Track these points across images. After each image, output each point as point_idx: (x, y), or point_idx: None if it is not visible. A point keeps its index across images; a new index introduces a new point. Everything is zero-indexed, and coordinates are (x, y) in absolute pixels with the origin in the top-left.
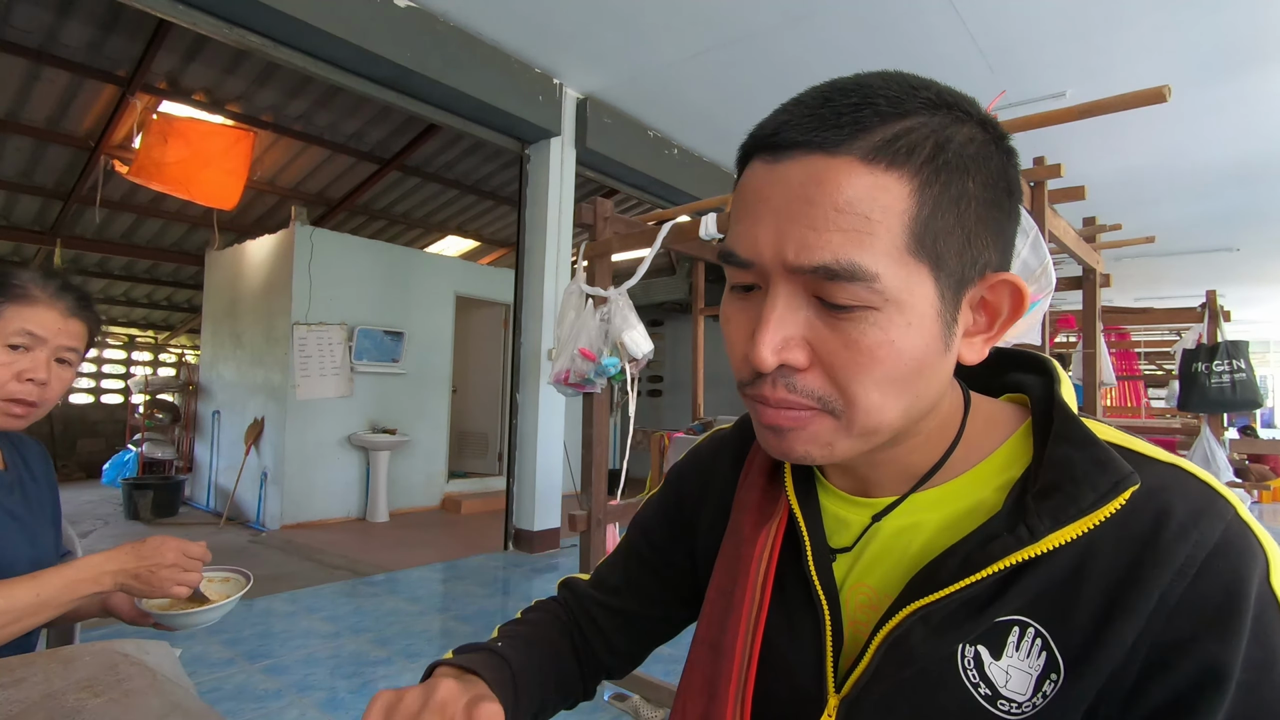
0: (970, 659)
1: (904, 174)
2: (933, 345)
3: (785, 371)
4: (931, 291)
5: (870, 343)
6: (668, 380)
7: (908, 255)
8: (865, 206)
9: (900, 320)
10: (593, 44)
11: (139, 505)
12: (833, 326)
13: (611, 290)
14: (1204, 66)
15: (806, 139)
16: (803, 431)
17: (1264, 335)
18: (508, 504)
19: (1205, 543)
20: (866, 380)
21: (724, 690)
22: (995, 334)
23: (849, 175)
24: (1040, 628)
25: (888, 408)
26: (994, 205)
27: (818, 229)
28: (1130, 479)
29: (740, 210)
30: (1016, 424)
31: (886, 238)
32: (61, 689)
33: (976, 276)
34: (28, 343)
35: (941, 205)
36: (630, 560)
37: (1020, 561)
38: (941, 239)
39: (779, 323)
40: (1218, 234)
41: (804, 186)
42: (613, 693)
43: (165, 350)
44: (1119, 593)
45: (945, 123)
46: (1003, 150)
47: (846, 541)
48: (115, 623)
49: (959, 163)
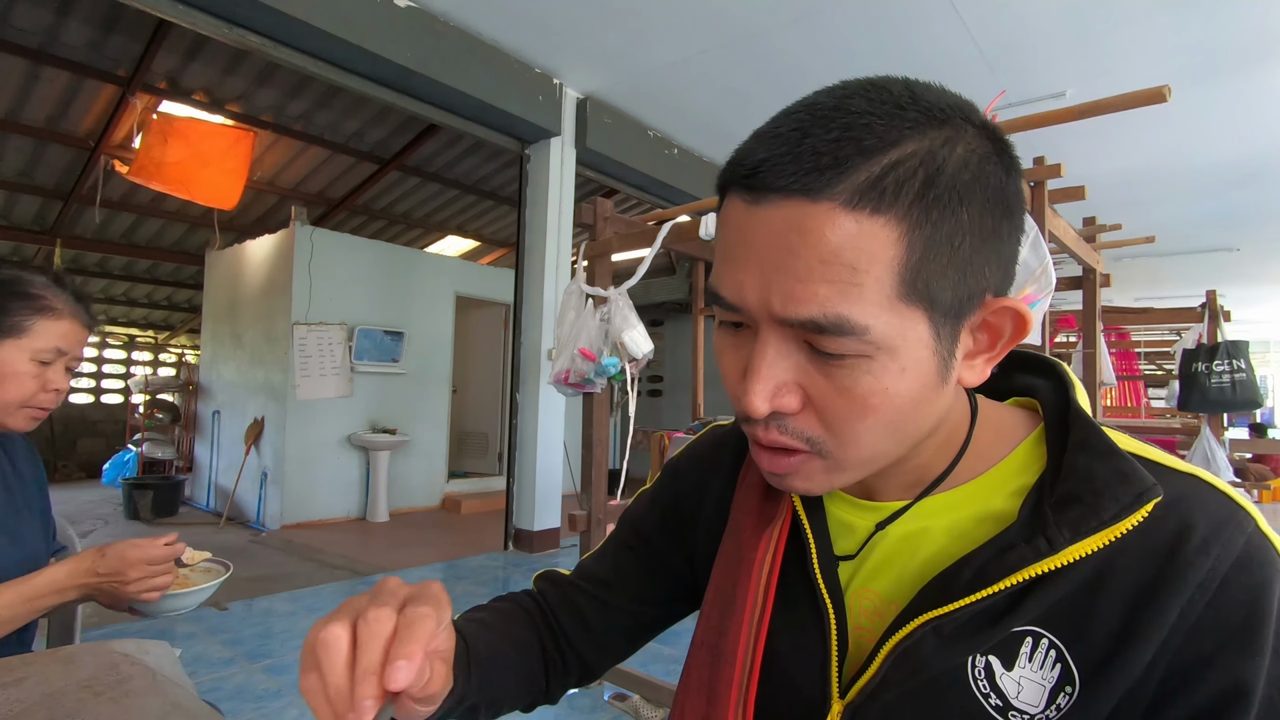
0: (981, 669)
1: (891, 218)
2: (929, 383)
3: (777, 415)
4: (926, 333)
5: (863, 390)
6: (668, 380)
7: (899, 302)
8: (851, 256)
9: (894, 367)
10: (593, 44)
11: (139, 505)
12: (825, 373)
13: (611, 290)
14: (1204, 66)
15: (786, 184)
16: (797, 473)
17: (1264, 335)
18: (508, 504)
19: (1226, 557)
20: (859, 427)
21: (725, 694)
22: (998, 354)
23: (832, 224)
24: (1055, 639)
25: (881, 446)
26: (991, 233)
27: (803, 280)
28: (1153, 491)
29: (724, 250)
30: (1027, 430)
31: (875, 287)
32: (61, 689)
33: (976, 305)
34: (54, 357)
35: (934, 246)
36: (621, 555)
37: (1038, 575)
38: (934, 280)
39: (770, 370)
40: (1218, 234)
41: (785, 235)
42: (613, 693)
43: (165, 350)
44: (1139, 607)
45: (937, 144)
46: (1003, 164)
47: (851, 547)
48: (115, 623)
49: (951, 195)
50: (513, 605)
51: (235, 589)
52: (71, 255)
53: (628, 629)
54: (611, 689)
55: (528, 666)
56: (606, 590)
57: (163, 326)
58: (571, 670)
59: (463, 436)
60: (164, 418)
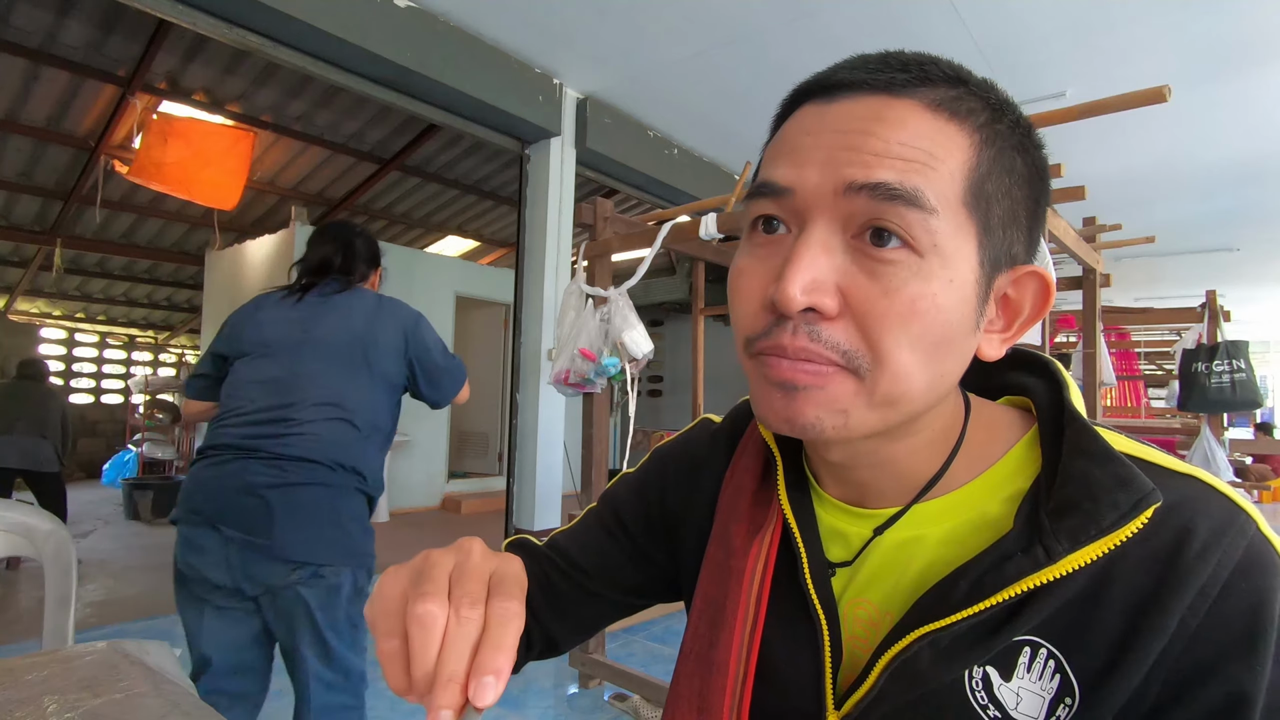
0: (979, 680)
1: (965, 127)
2: (968, 315)
3: (811, 318)
4: (974, 255)
5: (911, 293)
6: (668, 380)
7: (962, 206)
8: (929, 144)
9: (943, 274)
10: (593, 44)
11: (139, 505)
12: (871, 272)
13: (611, 290)
14: (1204, 66)
15: (870, 79)
16: (820, 392)
17: (1264, 335)
18: (508, 504)
19: (1228, 562)
20: (901, 336)
21: (717, 704)
22: (1014, 334)
23: (914, 115)
24: (1053, 649)
25: (916, 374)
26: (1033, 194)
27: (879, 154)
28: (1152, 496)
29: (780, 149)
30: (1020, 430)
31: (948, 179)
32: (61, 689)
33: (1006, 264)
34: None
35: (996, 168)
36: (601, 538)
37: (1037, 586)
38: (993, 202)
39: (812, 260)
40: (1218, 234)
41: (864, 121)
42: (613, 693)
43: (165, 350)
44: (1139, 615)
45: (996, 102)
46: (1035, 144)
47: (845, 555)
48: (115, 622)
49: (1012, 138)
50: None
51: None
52: (71, 255)
53: (602, 611)
54: (611, 689)
55: None
56: (583, 574)
57: (163, 326)
58: (535, 644)
59: (463, 436)
60: (164, 418)
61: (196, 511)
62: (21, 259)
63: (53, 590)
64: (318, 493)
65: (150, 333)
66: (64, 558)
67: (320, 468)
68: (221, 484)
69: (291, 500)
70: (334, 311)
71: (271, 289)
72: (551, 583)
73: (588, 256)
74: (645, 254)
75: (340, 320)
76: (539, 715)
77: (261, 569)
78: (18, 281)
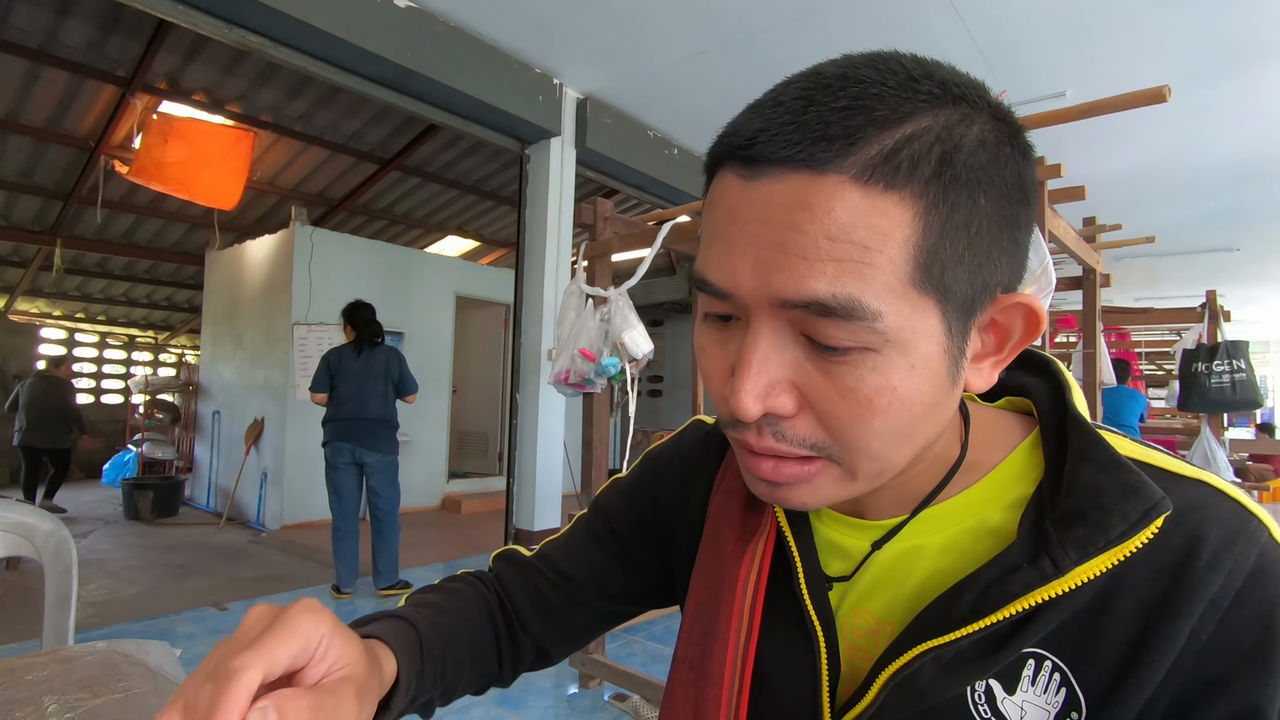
0: (982, 694)
1: (905, 195)
2: (940, 385)
3: (771, 419)
4: (938, 327)
5: (869, 390)
6: (668, 380)
7: (912, 289)
8: (862, 234)
9: (903, 363)
10: (593, 44)
11: (139, 505)
12: (824, 370)
13: (611, 290)
14: (1204, 66)
15: (788, 155)
16: (805, 485)
17: (1264, 335)
18: (508, 504)
19: (1239, 572)
20: (864, 430)
21: (713, 714)
22: (1006, 356)
23: (840, 198)
24: (1059, 661)
25: (892, 454)
26: (1008, 221)
27: (808, 258)
28: (1162, 505)
29: (713, 232)
30: (1020, 434)
31: (888, 269)
32: (61, 689)
33: (988, 300)
34: None
35: (950, 230)
36: (591, 548)
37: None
38: (950, 269)
39: (761, 365)
40: (1218, 234)
41: (788, 211)
42: (613, 693)
43: (165, 350)
44: (1148, 628)
45: (953, 122)
46: (1018, 150)
47: (844, 568)
48: (115, 622)
49: (969, 176)
50: (467, 586)
51: (235, 588)
52: (71, 255)
53: (593, 621)
54: (611, 689)
55: (482, 653)
56: (574, 585)
57: (163, 327)
58: (525, 656)
59: (463, 437)
60: (164, 418)
61: (339, 437)
62: (22, 259)
63: (53, 590)
64: (381, 426)
65: (150, 333)
66: (64, 558)
67: (381, 421)
68: (349, 425)
69: (373, 430)
70: (374, 358)
71: (344, 345)
72: (541, 594)
73: (588, 256)
74: (645, 254)
75: (378, 363)
76: (539, 715)
77: (364, 455)
78: (18, 281)
